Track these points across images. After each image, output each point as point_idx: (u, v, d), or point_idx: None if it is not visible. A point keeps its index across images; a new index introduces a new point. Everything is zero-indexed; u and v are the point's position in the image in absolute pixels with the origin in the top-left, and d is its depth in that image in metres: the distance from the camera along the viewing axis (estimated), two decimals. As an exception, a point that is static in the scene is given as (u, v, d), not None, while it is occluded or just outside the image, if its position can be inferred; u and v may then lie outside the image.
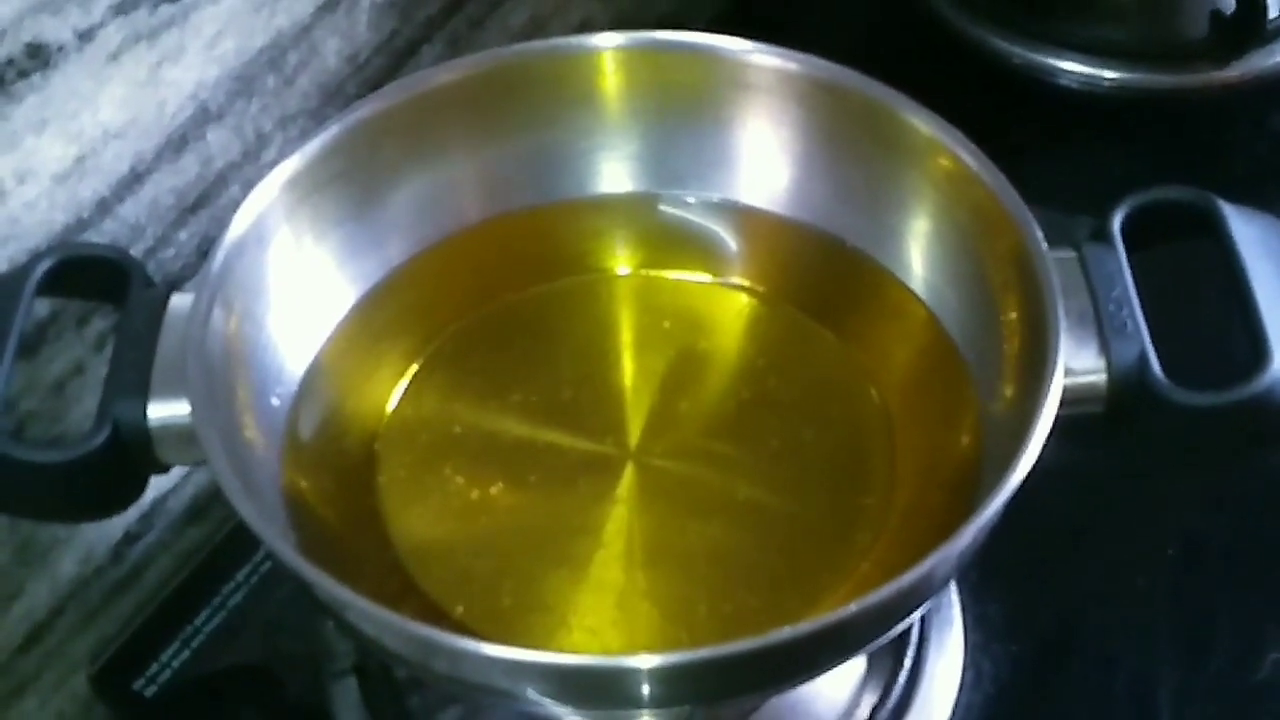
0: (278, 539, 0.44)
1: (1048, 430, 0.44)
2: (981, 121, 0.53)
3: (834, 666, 0.46)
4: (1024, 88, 0.81)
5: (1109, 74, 0.80)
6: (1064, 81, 0.81)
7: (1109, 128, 0.81)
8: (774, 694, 0.45)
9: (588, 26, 0.82)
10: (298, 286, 0.53)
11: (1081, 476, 0.58)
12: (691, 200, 0.58)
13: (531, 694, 0.42)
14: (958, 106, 0.53)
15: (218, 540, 0.65)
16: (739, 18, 0.85)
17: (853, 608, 0.40)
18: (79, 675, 0.62)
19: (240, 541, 0.63)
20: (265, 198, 0.51)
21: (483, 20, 0.74)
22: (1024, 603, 0.61)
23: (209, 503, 0.66)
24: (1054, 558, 0.62)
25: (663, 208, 0.58)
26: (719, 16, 0.87)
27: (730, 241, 0.58)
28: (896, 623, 0.44)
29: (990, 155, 0.51)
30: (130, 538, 0.63)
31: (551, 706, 0.43)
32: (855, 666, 0.56)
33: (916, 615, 0.46)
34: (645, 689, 0.42)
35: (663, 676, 0.41)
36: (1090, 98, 0.81)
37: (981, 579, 0.61)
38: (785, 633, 0.40)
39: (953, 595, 0.60)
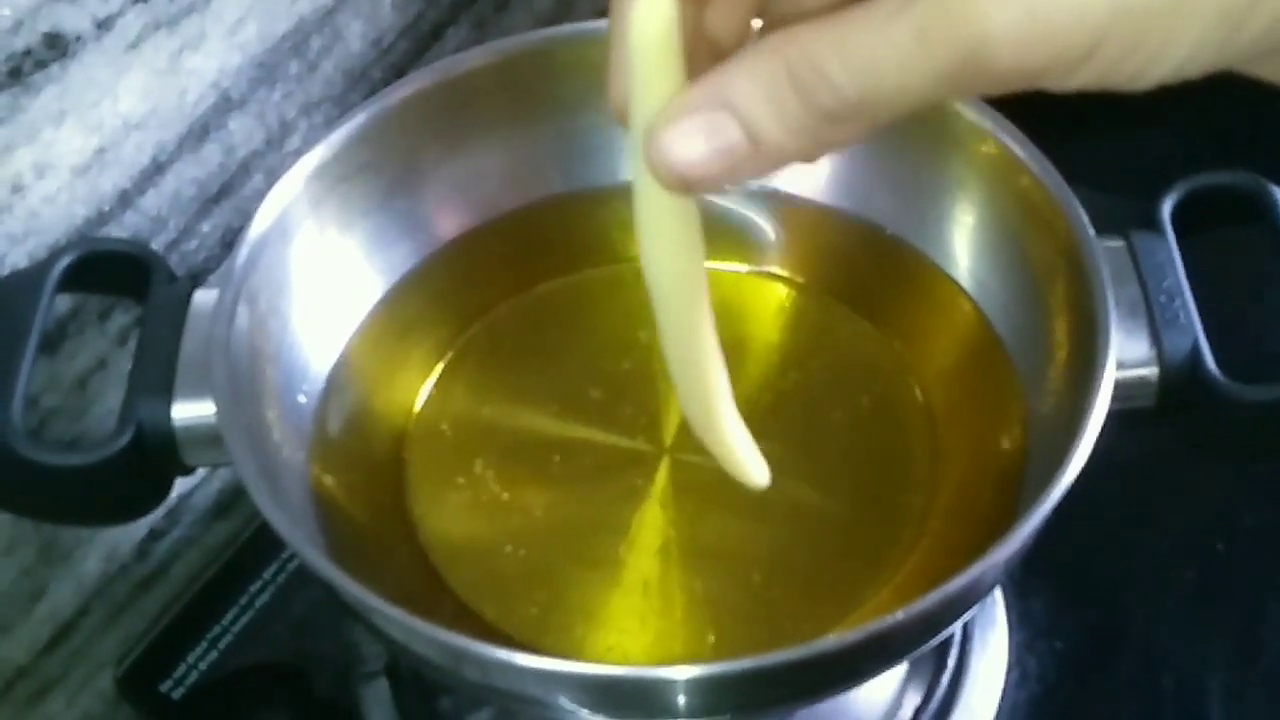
0: (306, 545, 0.43)
1: (1099, 427, 0.42)
2: (1015, 99, 0.51)
3: (876, 675, 0.44)
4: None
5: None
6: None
7: (1149, 106, 0.79)
8: (814, 703, 0.44)
9: (616, 6, 0.80)
10: (324, 280, 0.52)
11: (1127, 468, 0.56)
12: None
13: (565, 702, 0.42)
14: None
15: (244, 537, 0.64)
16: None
17: (899, 615, 0.39)
18: (105, 674, 0.61)
19: (267, 539, 0.61)
20: (290, 190, 0.50)
21: (508, 2, 0.73)
22: (1069, 598, 0.60)
23: (235, 497, 0.65)
24: (1099, 551, 0.61)
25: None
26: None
27: (768, 230, 0.56)
28: (942, 629, 0.43)
29: (1026, 134, 0.50)
30: (155, 534, 0.62)
31: (586, 715, 0.42)
32: (897, 667, 0.55)
33: (963, 620, 0.44)
34: (682, 700, 0.41)
35: (700, 687, 0.40)
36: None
37: (1025, 573, 0.59)
38: (828, 642, 0.39)
39: (996, 591, 0.58)
